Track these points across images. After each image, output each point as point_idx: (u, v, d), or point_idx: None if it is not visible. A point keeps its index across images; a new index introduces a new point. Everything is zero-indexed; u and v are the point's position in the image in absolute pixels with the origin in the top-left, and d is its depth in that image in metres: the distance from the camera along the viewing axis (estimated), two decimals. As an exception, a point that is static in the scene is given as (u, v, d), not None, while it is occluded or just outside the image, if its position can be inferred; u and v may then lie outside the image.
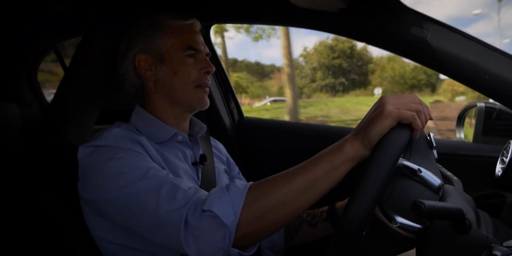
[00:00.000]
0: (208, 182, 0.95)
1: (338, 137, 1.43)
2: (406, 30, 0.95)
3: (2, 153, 1.44)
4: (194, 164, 0.96)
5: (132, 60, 0.95)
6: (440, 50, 0.93)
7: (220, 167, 1.06)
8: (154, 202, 0.70)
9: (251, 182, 0.72)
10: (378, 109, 0.66)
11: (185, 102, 0.94)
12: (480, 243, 0.59)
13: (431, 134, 0.77)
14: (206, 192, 0.73)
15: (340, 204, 1.01)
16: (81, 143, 0.87)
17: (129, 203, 0.72)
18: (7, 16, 1.29)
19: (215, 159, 1.05)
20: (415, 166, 0.67)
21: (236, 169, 1.16)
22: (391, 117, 0.63)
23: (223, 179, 1.04)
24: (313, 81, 26.03)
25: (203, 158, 0.97)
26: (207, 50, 0.99)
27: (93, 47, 1.00)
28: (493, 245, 0.56)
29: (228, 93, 1.59)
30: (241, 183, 0.72)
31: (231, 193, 0.69)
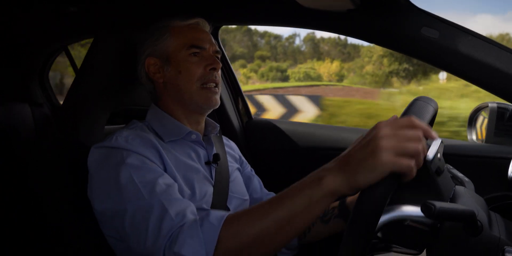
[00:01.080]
0: (222, 181, 0.96)
1: (347, 138, 1.42)
2: (416, 31, 0.94)
3: (15, 152, 1.46)
4: (208, 163, 0.96)
5: (142, 65, 0.97)
6: (451, 50, 0.92)
7: (233, 165, 1.07)
8: (145, 229, 0.71)
9: (227, 214, 0.68)
10: (373, 152, 0.55)
11: (192, 102, 0.94)
12: (492, 245, 0.58)
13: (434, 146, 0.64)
14: (192, 217, 0.71)
15: (350, 199, 0.98)
16: (92, 143, 0.88)
17: (124, 220, 0.74)
18: (19, 19, 1.31)
19: (228, 158, 1.06)
20: (403, 214, 0.61)
21: (248, 168, 1.16)
22: (386, 169, 0.54)
23: (237, 178, 1.04)
24: (381, 67, 26.05)
25: (216, 157, 0.97)
26: (216, 48, 0.99)
27: (104, 48, 1.01)
28: (505, 247, 0.55)
29: (237, 94, 1.59)
30: (217, 216, 0.68)
31: (204, 230, 0.66)
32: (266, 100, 10.18)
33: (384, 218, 0.61)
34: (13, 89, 1.71)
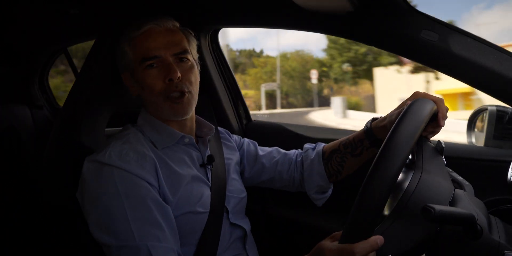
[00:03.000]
0: (218, 182, 0.96)
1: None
2: (416, 34, 0.94)
3: (15, 154, 1.46)
4: (202, 165, 0.96)
5: (122, 79, 0.97)
6: (451, 53, 0.92)
7: (231, 162, 1.06)
8: None
9: None
10: None
11: (162, 114, 0.93)
12: (492, 249, 0.58)
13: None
14: None
15: (375, 124, 0.98)
16: (93, 145, 0.88)
17: (110, 250, 0.76)
18: (19, 20, 1.32)
19: (227, 151, 1.06)
20: None
21: (241, 141, 1.17)
22: None
23: (234, 177, 1.05)
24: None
25: (210, 159, 0.97)
26: (178, 49, 0.90)
27: (104, 50, 1.01)
28: (505, 251, 0.55)
29: (237, 96, 1.59)
30: None
31: None
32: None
33: None
34: (13, 91, 1.71)
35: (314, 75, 23.94)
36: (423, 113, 0.66)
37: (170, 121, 0.94)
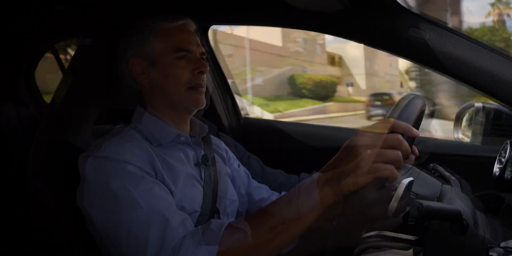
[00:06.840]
0: (210, 182, 0.96)
1: (338, 138, 1.43)
2: (404, 32, 0.95)
3: (1, 153, 1.43)
4: (197, 164, 0.96)
5: (126, 65, 0.95)
6: (438, 50, 0.93)
7: (221, 166, 1.06)
8: (144, 239, 0.72)
9: (227, 222, 0.72)
10: (354, 161, 0.58)
11: (180, 104, 0.94)
12: (477, 244, 0.59)
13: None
14: (191, 229, 0.74)
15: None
16: (80, 143, 0.87)
17: (119, 230, 0.75)
18: (5, 17, 1.29)
19: (217, 158, 1.06)
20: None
21: (235, 163, 1.16)
22: (367, 177, 0.57)
23: (225, 178, 1.04)
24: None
25: (205, 158, 0.97)
26: (202, 49, 0.97)
27: (92, 47, 1.00)
28: (490, 246, 0.56)
29: (227, 94, 1.59)
30: (217, 224, 0.72)
31: (206, 238, 0.70)
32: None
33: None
34: (-2, 88, 1.67)
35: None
36: (416, 106, 0.67)
37: (171, 118, 0.95)
